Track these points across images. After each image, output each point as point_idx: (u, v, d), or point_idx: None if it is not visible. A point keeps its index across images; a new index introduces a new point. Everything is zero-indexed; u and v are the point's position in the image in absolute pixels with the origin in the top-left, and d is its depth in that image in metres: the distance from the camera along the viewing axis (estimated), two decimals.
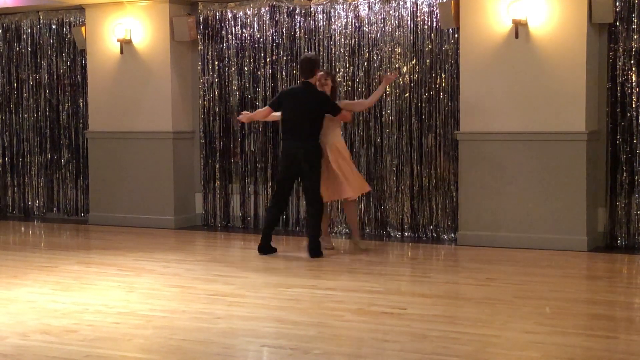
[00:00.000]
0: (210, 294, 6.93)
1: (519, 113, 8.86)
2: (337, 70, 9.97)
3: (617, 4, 8.66)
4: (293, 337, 5.62)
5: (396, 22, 9.69)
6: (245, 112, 9.23)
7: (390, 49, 9.72)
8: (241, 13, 10.45)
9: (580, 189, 8.67)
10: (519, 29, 8.75)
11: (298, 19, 10.19)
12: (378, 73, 9.76)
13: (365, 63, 9.85)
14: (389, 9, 9.72)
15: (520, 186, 8.88)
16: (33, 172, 11.92)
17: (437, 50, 9.51)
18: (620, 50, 8.76)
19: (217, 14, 10.57)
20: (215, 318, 6.14)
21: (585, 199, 8.67)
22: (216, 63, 10.60)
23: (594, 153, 8.84)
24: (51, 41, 11.60)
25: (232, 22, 10.51)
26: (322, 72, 8.80)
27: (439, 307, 6.44)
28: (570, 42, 8.64)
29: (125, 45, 10.76)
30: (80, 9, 11.17)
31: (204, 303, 6.62)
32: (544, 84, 8.75)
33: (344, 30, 9.94)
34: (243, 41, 10.45)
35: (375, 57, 9.81)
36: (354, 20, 9.90)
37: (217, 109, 10.67)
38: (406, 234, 9.77)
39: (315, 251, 8.47)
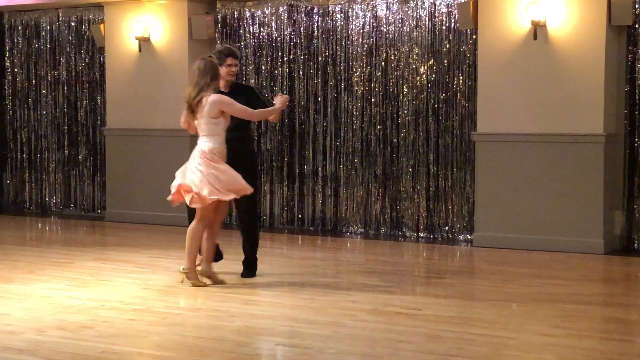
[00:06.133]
0: (225, 292, 6.94)
1: (536, 114, 8.83)
2: (354, 70, 9.96)
3: (637, 6, 8.61)
4: (307, 336, 5.63)
5: (414, 22, 9.67)
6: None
7: (407, 49, 9.71)
8: (259, 12, 10.46)
9: (598, 191, 8.63)
10: (538, 30, 8.72)
11: (316, 18, 10.20)
12: (395, 73, 9.76)
13: (383, 63, 9.85)
14: (407, 9, 9.70)
15: (537, 188, 8.85)
16: (50, 169, 11.98)
17: (455, 50, 9.50)
18: (639, 52, 8.72)
19: (235, 12, 10.59)
20: (230, 316, 6.16)
21: (602, 202, 8.63)
22: None
23: (611, 155, 8.80)
24: (70, 38, 11.66)
25: (250, 21, 10.52)
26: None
27: (453, 308, 6.43)
28: (589, 44, 8.60)
29: (144, 43, 10.79)
30: (99, 6, 11.22)
31: (219, 301, 6.63)
32: (562, 85, 8.72)
33: (361, 30, 9.94)
34: (261, 40, 10.46)
35: (392, 58, 9.80)
36: (371, 20, 9.90)
37: None
38: (421, 234, 9.75)
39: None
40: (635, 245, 8.84)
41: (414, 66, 9.68)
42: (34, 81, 11.99)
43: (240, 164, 7.13)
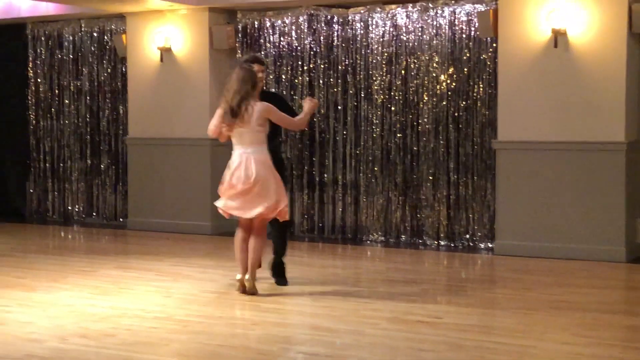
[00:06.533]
0: (246, 300, 6.96)
1: (557, 122, 8.81)
2: (374, 78, 9.98)
3: None
4: (329, 344, 5.64)
5: (434, 30, 9.68)
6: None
7: (428, 58, 9.72)
8: (279, 21, 10.50)
9: (619, 199, 8.60)
10: (558, 38, 8.70)
11: (336, 27, 10.23)
12: (415, 81, 9.77)
13: (403, 71, 9.86)
14: (427, 17, 9.71)
15: (558, 195, 8.82)
16: (73, 178, 12.07)
17: (475, 59, 9.50)
18: None
19: (256, 22, 10.64)
20: (251, 324, 6.18)
21: (624, 210, 8.60)
22: None
23: (633, 163, 8.76)
24: (92, 49, 11.76)
25: (271, 31, 10.57)
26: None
27: (475, 317, 6.42)
28: (609, 51, 8.58)
29: (165, 53, 10.87)
30: (121, 17, 11.31)
31: (240, 309, 6.66)
32: (583, 93, 8.69)
33: (381, 39, 9.96)
34: (281, 49, 10.50)
35: (412, 66, 9.81)
36: (391, 29, 9.91)
37: None
38: (442, 242, 9.74)
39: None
40: None
41: (434, 74, 9.69)
42: (56, 91, 12.09)
43: None
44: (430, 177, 9.76)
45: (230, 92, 6.93)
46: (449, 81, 9.62)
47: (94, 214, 11.96)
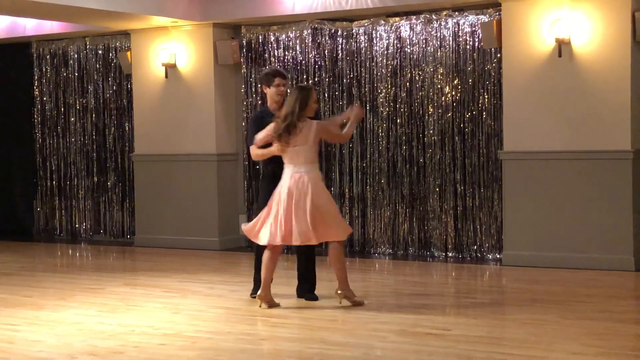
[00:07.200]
0: (255, 315, 6.96)
1: (563, 132, 8.81)
2: (379, 91, 9.99)
3: None
4: (338, 358, 5.62)
5: (438, 42, 9.69)
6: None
7: (432, 70, 9.73)
8: (284, 36, 10.53)
9: (627, 207, 8.57)
10: (562, 47, 8.71)
11: (340, 40, 10.25)
12: (420, 93, 9.77)
13: (408, 83, 9.87)
14: (430, 29, 9.73)
15: (565, 205, 8.81)
16: (80, 195, 12.09)
17: (480, 70, 9.50)
18: None
19: (260, 37, 10.67)
20: (259, 339, 6.17)
21: (632, 218, 8.57)
22: (259, 85, 10.68)
23: (639, 171, 8.75)
24: (97, 66, 11.79)
25: (275, 45, 10.59)
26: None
27: (484, 328, 6.40)
28: (614, 60, 8.58)
29: (170, 69, 10.90)
30: (126, 34, 11.35)
31: (248, 324, 6.65)
32: (588, 102, 8.69)
33: (385, 51, 9.97)
34: (285, 63, 10.52)
35: (417, 78, 9.82)
36: (395, 41, 9.93)
37: None
38: (450, 254, 9.73)
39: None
40: None
41: (439, 86, 9.70)
42: (62, 109, 12.12)
43: None
44: (437, 189, 9.76)
45: (286, 110, 6.94)
46: (453, 92, 9.63)
47: (102, 231, 11.98)
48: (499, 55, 9.28)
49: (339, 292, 7.13)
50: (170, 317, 6.94)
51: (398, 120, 9.93)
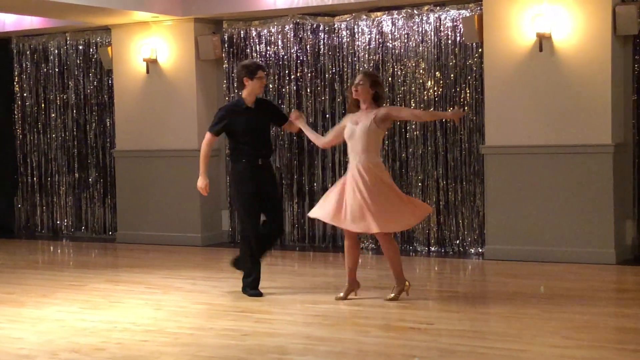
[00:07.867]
0: (237, 310, 6.95)
1: (544, 126, 8.84)
2: None
3: None
4: (321, 353, 5.62)
5: (420, 37, 9.70)
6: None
7: (414, 64, 9.74)
8: (265, 31, 10.51)
9: (608, 201, 8.62)
10: (543, 42, 8.73)
11: (322, 35, 10.24)
12: (402, 88, 9.78)
13: (390, 78, 9.87)
14: (412, 24, 9.74)
15: (547, 199, 8.84)
16: (61, 192, 12.03)
17: (461, 64, 9.52)
18: None
19: (242, 32, 10.64)
20: (242, 335, 6.16)
21: (613, 212, 8.62)
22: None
23: (620, 165, 8.78)
24: (78, 61, 11.73)
25: (257, 40, 10.57)
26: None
27: (466, 322, 6.42)
28: (594, 54, 8.61)
29: (151, 64, 10.85)
30: (107, 29, 11.29)
31: (231, 320, 6.64)
32: (569, 96, 8.72)
33: (367, 46, 9.97)
34: (267, 58, 10.50)
35: (399, 73, 9.83)
36: (377, 36, 9.93)
37: None
38: (432, 248, 9.75)
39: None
40: None
41: (421, 81, 9.71)
42: (43, 105, 12.05)
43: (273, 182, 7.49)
44: (420, 184, 9.77)
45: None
46: (435, 87, 9.64)
47: (83, 227, 11.92)
48: (480, 49, 9.30)
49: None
50: (153, 313, 6.92)
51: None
